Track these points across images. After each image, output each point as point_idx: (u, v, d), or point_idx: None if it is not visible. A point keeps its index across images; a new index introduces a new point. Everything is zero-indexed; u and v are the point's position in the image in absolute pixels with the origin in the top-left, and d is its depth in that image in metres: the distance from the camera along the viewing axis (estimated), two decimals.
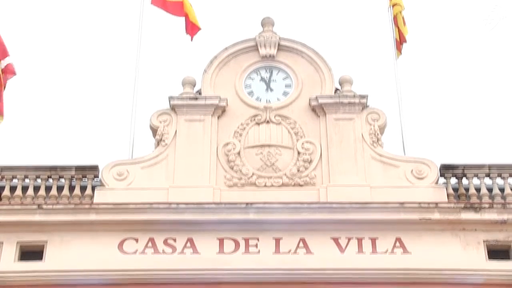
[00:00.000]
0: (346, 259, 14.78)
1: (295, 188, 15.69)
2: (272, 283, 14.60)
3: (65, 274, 14.57)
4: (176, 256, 14.86)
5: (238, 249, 14.97)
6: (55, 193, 15.61)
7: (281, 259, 14.82)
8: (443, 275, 14.55)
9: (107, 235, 14.98)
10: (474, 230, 14.97)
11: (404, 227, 14.97)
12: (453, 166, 15.90)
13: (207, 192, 15.56)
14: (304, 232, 15.04)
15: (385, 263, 14.70)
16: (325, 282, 14.61)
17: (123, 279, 14.60)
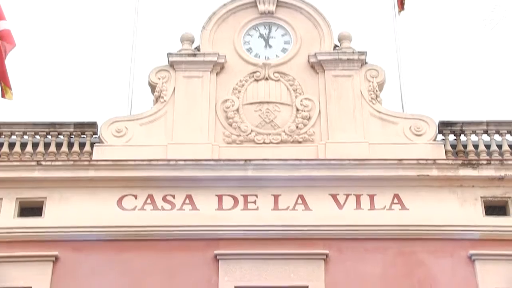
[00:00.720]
0: (344, 216, 14.86)
1: (294, 145, 15.70)
2: (270, 239, 14.67)
3: (64, 230, 14.65)
4: (175, 213, 14.92)
5: (237, 205, 15.03)
6: (53, 150, 15.62)
7: (280, 215, 14.89)
8: (440, 230, 14.64)
9: (106, 191, 15.04)
10: (472, 186, 15.03)
11: (402, 184, 15.02)
12: (452, 123, 15.90)
13: (206, 149, 15.58)
14: (302, 189, 15.10)
15: (383, 219, 14.78)
16: (323, 238, 14.69)
17: (122, 235, 14.68)
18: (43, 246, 14.52)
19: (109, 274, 14.32)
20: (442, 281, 14.24)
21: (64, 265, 14.44)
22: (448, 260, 14.43)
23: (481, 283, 14.20)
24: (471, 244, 14.51)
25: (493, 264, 14.33)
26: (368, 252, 14.56)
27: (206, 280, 14.37)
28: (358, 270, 14.39)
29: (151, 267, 14.43)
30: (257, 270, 14.41)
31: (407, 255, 14.50)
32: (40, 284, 14.21)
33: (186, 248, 14.62)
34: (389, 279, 14.29)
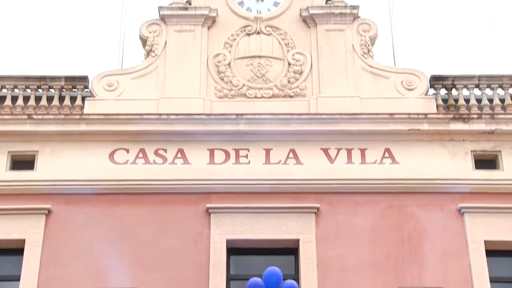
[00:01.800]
0: (335, 170, 14.94)
1: (286, 99, 15.71)
2: (262, 193, 14.76)
3: (57, 184, 14.69)
4: (167, 167, 14.97)
5: (229, 159, 15.08)
6: (45, 104, 15.58)
7: (271, 169, 14.96)
8: (430, 184, 14.75)
9: (98, 145, 15.06)
10: (462, 140, 15.11)
11: (393, 138, 15.09)
12: (443, 77, 15.91)
13: (198, 103, 15.57)
14: (294, 143, 15.14)
15: (374, 173, 14.87)
16: (314, 192, 14.79)
17: (114, 188, 14.74)
18: (36, 199, 14.59)
19: (101, 227, 14.41)
20: (432, 234, 14.40)
21: (57, 218, 14.52)
22: (438, 213, 14.57)
23: (470, 235, 14.35)
24: (461, 198, 14.65)
25: (481, 217, 14.48)
26: (358, 205, 14.67)
27: (198, 233, 14.47)
28: (348, 223, 14.52)
29: (143, 221, 14.52)
30: (248, 223, 14.52)
31: (397, 208, 14.63)
32: (33, 236, 14.29)
33: (178, 202, 14.69)
34: (379, 232, 14.43)
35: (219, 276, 14.06)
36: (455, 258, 14.19)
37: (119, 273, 13.78)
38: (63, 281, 13.95)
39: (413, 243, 14.33)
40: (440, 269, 14.07)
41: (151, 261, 14.11)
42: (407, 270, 14.07)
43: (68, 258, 14.16)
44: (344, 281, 13.77)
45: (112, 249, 14.14)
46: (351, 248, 14.31)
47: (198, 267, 14.13)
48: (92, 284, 12.77)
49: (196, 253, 14.28)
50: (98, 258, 14.07)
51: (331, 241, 14.38)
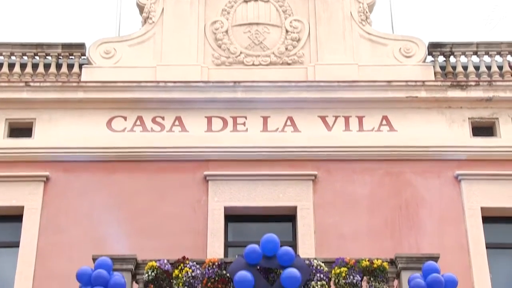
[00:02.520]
0: (333, 137, 14.96)
1: (283, 66, 15.67)
2: (259, 160, 14.79)
3: (55, 151, 14.71)
4: (164, 134, 14.98)
5: (226, 127, 15.09)
6: (42, 71, 15.53)
7: (269, 137, 14.98)
8: (428, 151, 14.79)
9: (95, 113, 15.05)
10: (460, 107, 15.12)
11: (391, 105, 15.09)
12: (441, 44, 15.86)
13: (195, 70, 15.53)
14: (291, 111, 15.15)
15: (372, 140, 14.90)
16: (312, 159, 14.82)
17: (112, 156, 14.76)
18: (34, 166, 14.62)
19: (100, 194, 14.46)
20: (429, 201, 14.48)
21: (55, 185, 14.57)
22: (435, 180, 14.63)
23: (467, 202, 14.44)
24: (458, 165, 14.70)
25: (478, 183, 14.54)
26: (356, 173, 14.72)
27: (196, 201, 14.53)
28: (346, 190, 14.58)
29: (141, 188, 14.57)
30: (246, 190, 14.57)
31: (395, 175, 14.68)
32: (32, 203, 14.36)
33: (176, 169, 14.73)
34: (377, 199, 14.50)
35: (217, 243, 14.14)
36: (452, 225, 14.28)
37: (118, 240, 13.84)
38: (62, 247, 14.03)
39: (410, 210, 14.41)
40: (437, 236, 14.17)
41: (149, 228, 14.18)
42: (404, 237, 14.16)
43: (66, 225, 14.24)
44: (341, 248, 13.83)
45: (110, 216, 14.21)
46: (349, 215, 14.38)
47: (196, 234, 14.21)
48: (91, 251, 12.80)
49: (194, 220, 14.34)
50: (97, 225, 14.14)
51: (328, 208, 14.45)
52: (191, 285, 11.86)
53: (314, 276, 11.81)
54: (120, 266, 11.85)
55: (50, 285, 13.69)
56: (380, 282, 11.88)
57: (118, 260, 11.89)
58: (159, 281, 11.88)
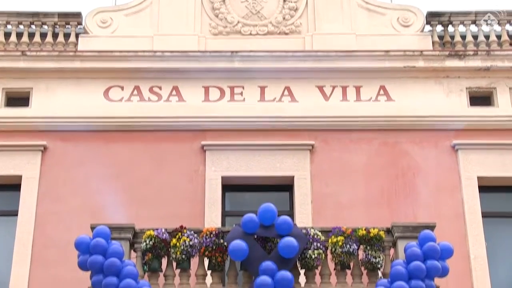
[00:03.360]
0: (330, 107, 14.95)
1: (281, 36, 15.62)
2: (257, 130, 14.79)
3: (52, 121, 14.70)
4: (161, 104, 14.97)
5: (224, 97, 15.07)
6: (38, 40, 15.47)
7: (266, 107, 14.97)
8: (425, 121, 14.80)
9: (92, 82, 15.01)
10: (458, 77, 15.10)
11: (388, 75, 15.07)
12: (439, 13, 15.79)
13: (192, 40, 15.48)
14: (289, 80, 15.12)
15: (369, 110, 14.90)
16: (309, 129, 14.83)
17: (109, 126, 14.76)
18: (31, 136, 14.62)
19: (97, 164, 14.48)
20: (425, 170, 14.52)
21: (53, 155, 14.57)
22: (432, 150, 14.66)
23: (463, 171, 14.48)
24: (455, 134, 14.72)
25: (475, 153, 14.58)
26: (353, 142, 14.74)
27: (193, 170, 14.56)
28: (343, 160, 14.61)
29: (139, 158, 14.59)
30: (243, 160, 14.59)
31: (392, 145, 14.70)
32: (30, 172, 14.38)
33: (173, 139, 14.74)
34: (374, 168, 14.53)
35: (214, 212, 14.19)
36: (448, 194, 14.34)
37: (115, 209, 13.89)
38: (60, 216, 14.09)
39: (406, 180, 14.45)
40: (433, 205, 14.23)
41: (147, 198, 14.23)
42: (400, 206, 14.22)
43: (64, 194, 14.28)
44: (338, 218, 13.87)
45: (108, 186, 14.23)
46: (346, 184, 14.43)
47: (193, 204, 14.25)
48: (89, 220, 12.84)
49: (191, 190, 14.38)
50: (94, 194, 14.17)
51: (325, 178, 14.49)
52: (188, 253, 11.91)
53: (311, 245, 11.86)
54: (118, 235, 11.90)
55: (48, 253, 13.79)
56: (376, 251, 11.94)
57: (116, 229, 11.93)
58: (157, 250, 11.93)
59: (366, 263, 11.93)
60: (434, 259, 11.38)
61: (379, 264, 11.92)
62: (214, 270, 11.97)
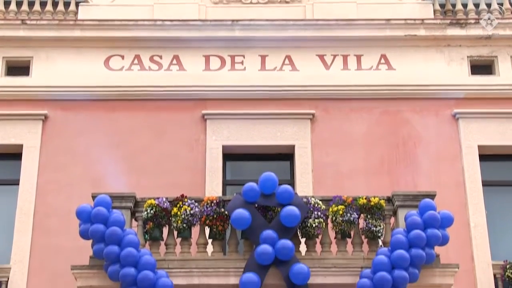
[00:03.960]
0: (331, 76, 14.93)
1: (281, 5, 15.53)
2: (258, 99, 14.79)
3: (52, 90, 14.69)
4: (162, 73, 14.94)
5: (224, 66, 15.04)
6: (38, 9, 15.39)
7: (267, 76, 14.94)
8: (426, 90, 14.79)
9: (92, 51, 14.98)
10: (459, 46, 15.05)
11: (389, 44, 15.02)
12: None
13: (193, 9, 15.40)
14: (289, 49, 15.08)
15: (370, 79, 14.87)
16: (310, 98, 14.82)
17: (110, 95, 14.75)
18: (32, 105, 14.62)
19: (98, 133, 14.49)
20: (426, 139, 14.53)
21: (54, 124, 14.58)
22: (433, 118, 14.67)
23: (464, 140, 14.51)
24: (456, 103, 14.71)
25: (476, 122, 14.59)
26: (354, 111, 14.74)
27: (194, 139, 14.58)
28: (343, 129, 14.62)
29: (139, 127, 14.60)
30: (244, 129, 14.60)
31: (393, 114, 14.70)
32: (31, 141, 14.41)
33: (174, 108, 14.74)
34: (374, 137, 14.54)
35: (215, 181, 14.23)
36: (449, 163, 14.37)
37: (116, 178, 13.93)
38: (61, 185, 14.13)
39: (407, 149, 14.47)
40: (434, 174, 14.26)
41: (147, 167, 14.26)
42: (401, 175, 14.26)
43: (65, 163, 14.31)
44: (338, 186, 13.92)
45: (109, 155, 14.26)
46: (346, 153, 14.45)
47: (194, 173, 14.29)
48: (90, 189, 12.89)
49: (192, 159, 14.41)
50: (95, 164, 14.20)
51: (326, 147, 14.51)
52: (189, 222, 11.96)
53: (312, 214, 11.91)
54: (119, 204, 11.94)
55: (50, 222, 13.86)
56: (377, 220, 11.99)
57: (117, 198, 11.97)
58: (158, 218, 11.99)
59: (367, 231, 11.98)
60: (434, 228, 11.44)
61: (380, 232, 11.98)
62: (215, 239, 12.02)
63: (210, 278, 11.61)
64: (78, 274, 11.61)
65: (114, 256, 11.21)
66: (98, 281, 11.56)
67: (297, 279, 11.23)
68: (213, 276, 11.61)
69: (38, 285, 13.49)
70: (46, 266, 13.58)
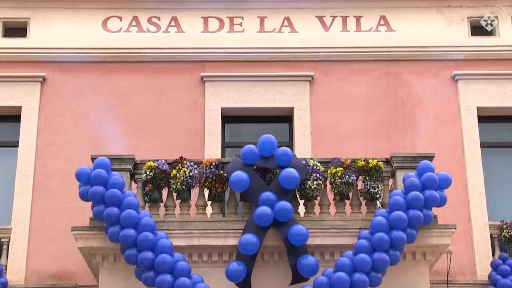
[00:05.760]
0: (330, 37, 14.87)
1: None
2: (256, 61, 14.75)
3: (50, 52, 14.62)
4: (160, 35, 14.87)
5: (223, 27, 14.97)
6: None
7: (266, 37, 14.88)
8: (426, 51, 14.73)
9: (90, 13, 14.89)
10: (459, 6, 14.97)
11: (388, 5, 14.94)
12: None
13: None
14: (288, 11, 14.99)
15: (369, 41, 14.81)
16: (309, 60, 14.78)
17: (108, 57, 14.69)
18: (30, 67, 14.57)
19: (97, 95, 14.47)
20: (425, 101, 14.52)
21: (52, 86, 14.55)
22: (432, 80, 14.64)
23: (463, 102, 14.50)
24: (455, 65, 14.67)
25: (475, 83, 14.57)
26: (353, 73, 14.71)
27: (193, 102, 14.56)
28: (343, 91, 14.60)
29: (138, 89, 14.57)
30: (243, 91, 14.58)
31: (392, 76, 14.67)
32: (29, 104, 14.38)
33: (173, 70, 14.70)
34: (373, 99, 14.53)
35: (214, 143, 14.25)
36: (448, 125, 14.39)
37: (115, 140, 13.95)
38: (61, 147, 14.15)
39: (406, 110, 14.47)
40: (432, 136, 14.29)
41: (146, 129, 14.27)
42: (399, 137, 14.28)
43: (64, 125, 14.31)
44: (337, 148, 13.96)
45: (107, 117, 14.26)
46: (345, 115, 14.45)
47: (193, 135, 14.30)
48: (89, 151, 12.92)
49: (191, 121, 14.42)
50: (94, 126, 14.21)
51: (325, 109, 14.51)
52: (188, 184, 12.00)
53: (310, 176, 11.93)
54: (118, 166, 11.96)
55: (50, 183, 13.91)
56: (375, 181, 12.03)
57: (116, 160, 11.99)
58: (157, 180, 12.02)
59: (365, 193, 12.03)
60: (432, 189, 11.48)
61: (378, 194, 12.03)
62: (214, 201, 12.08)
63: (209, 239, 11.67)
64: (79, 235, 11.68)
65: (114, 217, 11.26)
66: (98, 242, 11.63)
67: (295, 240, 11.30)
68: (212, 238, 11.67)
69: (39, 245, 13.60)
70: (47, 227, 13.67)
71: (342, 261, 11.14)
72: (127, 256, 11.23)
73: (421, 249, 11.73)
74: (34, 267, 13.50)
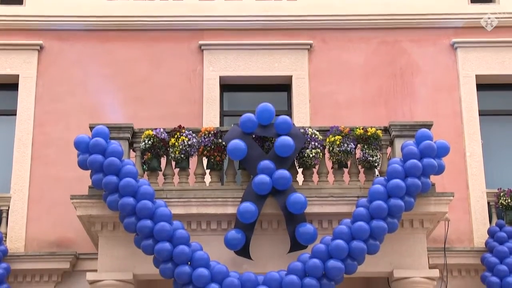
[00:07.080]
0: (329, 5, 14.79)
1: None
2: (255, 29, 14.69)
3: (47, 20, 14.53)
4: (158, 3, 14.79)
5: None
6: None
7: (264, 5, 14.81)
8: (424, 19, 14.67)
9: None
10: None
11: None
12: None
13: None
14: None
15: (368, 8, 14.74)
16: (307, 28, 14.72)
17: (106, 25, 14.62)
18: (27, 35, 14.51)
19: (94, 63, 14.43)
20: (424, 69, 14.49)
21: (49, 54, 14.50)
22: (431, 48, 14.60)
23: (462, 70, 14.48)
24: (454, 32, 14.63)
25: (474, 51, 14.54)
26: (351, 41, 14.66)
27: (191, 70, 14.53)
28: (341, 59, 14.56)
29: (136, 57, 14.52)
30: (241, 60, 14.55)
31: (390, 44, 14.63)
32: (27, 72, 14.35)
33: (171, 38, 14.64)
34: (372, 67, 14.50)
35: (212, 112, 14.24)
36: (446, 93, 14.38)
37: (113, 108, 13.94)
38: (59, 115, 14.15)
39: (405, 79, 14.46)
40: (431, 104, 14.28)
41: (145, 97, 14.26)
42: (398, 105, 14.27)
43: (62, 94, 14.29)
44: (335, 117, 13.96)
45: (105, 85, 14.24)
46: (343, 84, 14.43)
47: (191, 103, 14.28)
48: (87, 119, 12.91)
49: (189, 90, 14.39)
50: (92, 94, 14.19)
51: (323, 77, 14.48)
52: (187, 153, 12.00)
53: (309, 144, 11.94)
54: (117, 135, 11.95)
55: (48, 152, 13.93)
56: (373, 150, 12.03)
57: (114, 129, 11.97)
58: (156, 149, 12.02)
59: (363, 161, 12.04)
60: (431, 157, 11.49)
61: (376, 162, 12.04)
62: (212, 169, 12.09)
63: (208, 207, 11.71)
64: (78, 204, 11.71)
65: (113, 186, 11.28)
66: (97, 210, 11.66)
67: (294, 208, 11.34)
68: (211, 206, 11.71)
69: (38, 214, 13.65)
70: (46, 196, 13.72)
71: (340, 229, 11.19)
72: (126, 224, 11.27)
73: (419, 217, 11.78)
74: (34, 235, 13.57)
